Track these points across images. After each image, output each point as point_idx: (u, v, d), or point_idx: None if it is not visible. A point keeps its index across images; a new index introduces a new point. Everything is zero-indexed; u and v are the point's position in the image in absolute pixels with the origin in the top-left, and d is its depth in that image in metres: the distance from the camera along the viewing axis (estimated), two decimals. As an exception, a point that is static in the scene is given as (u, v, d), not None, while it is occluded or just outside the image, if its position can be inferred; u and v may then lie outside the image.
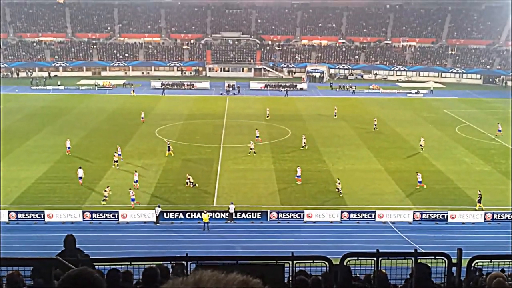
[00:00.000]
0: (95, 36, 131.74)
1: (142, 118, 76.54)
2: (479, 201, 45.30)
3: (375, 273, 7.14)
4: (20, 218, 42.44)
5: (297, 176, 51.11)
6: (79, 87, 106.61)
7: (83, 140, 65.50)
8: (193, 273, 3.02)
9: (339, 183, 48.36)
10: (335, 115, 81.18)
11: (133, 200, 44.79)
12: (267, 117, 79.94)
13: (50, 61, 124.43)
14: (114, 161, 55.26)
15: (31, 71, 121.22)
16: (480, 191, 46.24)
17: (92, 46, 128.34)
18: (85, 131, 70.43)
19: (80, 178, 50.11)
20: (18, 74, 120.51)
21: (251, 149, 60.26)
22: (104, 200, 45.48)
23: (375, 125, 73.70)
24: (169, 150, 59.36)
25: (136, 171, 51.31)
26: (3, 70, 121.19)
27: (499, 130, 70.52)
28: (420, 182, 50.21)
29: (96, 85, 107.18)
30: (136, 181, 49.13)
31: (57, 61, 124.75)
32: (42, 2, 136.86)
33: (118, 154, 56.47)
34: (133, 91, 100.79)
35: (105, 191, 46.18)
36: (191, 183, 49.72)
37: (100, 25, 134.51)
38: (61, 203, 45.42)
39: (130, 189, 46.48)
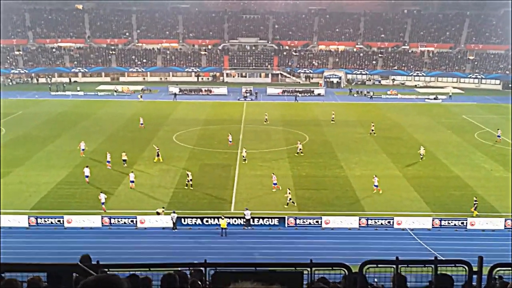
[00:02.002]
0: (113, 42, 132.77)
1: (141, 124, 76.70)
2: (475, 208, 44.91)
3: (394, 277, 7.10)
4: (40, 223, 42.75)
5: (274, 184, 50.67)
6: (98, 93, 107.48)
7: (102, 146, 65.90)
8: (233, 284, 3.05)
9: (289, 193, 47.51)
10: (332, 120, 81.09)
11: (103, 204, 45.30)
12: (265, 121, 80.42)
13: (69, 67, 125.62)
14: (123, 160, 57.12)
15: (50, 76, 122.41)
16: (476, 198, 45.92)
17: (110, 52, 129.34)
18: (104, 136, 70.92)
19: (87, 176, 51.69)
20: (38, 80, 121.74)
21: (244, 157, 59.73)
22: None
23: (372, 130, 73.58)
24: (158, 156, 59.53)
25: (132, 171, 52.13)
26: (23, 76, 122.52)
27: (499, 136, 69.98)
28: (376, 186, 50.14)
29: (115, 91, 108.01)
30: (132, 181, 50.43)
31: (76, 66, 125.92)
32: (62, 8, 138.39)
33: (107, 162, 56.90)
34: (141, 96, 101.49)
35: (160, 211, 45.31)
36: (189, 181, 50.48)
37: (119, 31, 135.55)
38: (80, 208, 45.71)
39: (101, 192, 47.09)
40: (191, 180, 50.96)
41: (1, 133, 71.85)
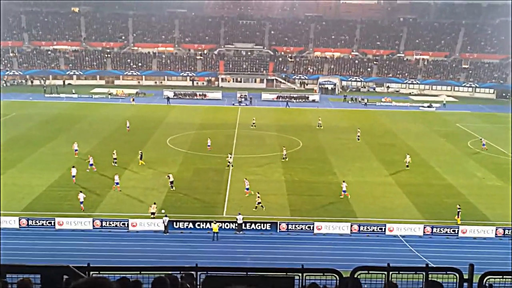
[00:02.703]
0: (109, 45, 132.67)
1: (128, 127, 76.58)
2: (458, 215, 45.01)
3: (385, 286, 7.10)
4: (30, 225, 42.59)
5: (246, 189, 50.67)
6: (92, 96, 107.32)
7: (96, 149, 65.75)
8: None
9: (258, 196, 47.64)
10: (319, 126, 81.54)
11: (81, 203, 45.73)
12: (252, 125, 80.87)
13: (64, 69, 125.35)
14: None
15: (45, 79, 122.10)
16: (459, 205, 46.02)
17: (106, 55, 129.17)
18: (98, 139, 70.79)
19: (73, 176, 52.25)
20: (32, 82, 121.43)
21: (229, 162, 59.50)
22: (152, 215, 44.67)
23: (359, 136, 73.91)
24: (141, 159, 59.61)
25: (117, 174, 52.16)
26: (18, 77, 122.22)
27: (484, 145, 70.27)
28: (344, 191, 50.32)
29: (109, 94, 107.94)
30: (117, 183, 50.76)
31: (71, 69, 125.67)
32: (58, 10, 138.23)
33: (90, 165, 56.63)
34: (133, 100, 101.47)
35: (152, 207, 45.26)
36: (170, 183, 51.16)
37: (115, 34, 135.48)
38: (72, 211, 45.57)
39: (80, 191, 47.27)
40: (172, 182, 51.41)
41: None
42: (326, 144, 71.55)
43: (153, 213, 44.46)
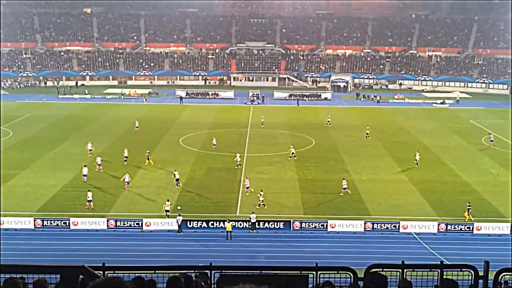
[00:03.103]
0: (121, 45, 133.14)
1: (137, 127, 76.75)
2: (468, 212, 44.74)
3: (400, 283, 7.08)
4: (45, 225, 42.84)
5: (247, 188, 50.80)
6: (105, 96, 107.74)
7: (109, 149, 66.06)
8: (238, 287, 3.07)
9: (261, 195, 47.71)
10: (328, 123, 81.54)
11: (89, 201, 46.06)
12: (262, 124, 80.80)
13: (77, 70, 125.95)
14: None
15: (58, 80, 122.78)
16: (469, 202, 45.76)
17: (118, 56, 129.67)
18: (111, 139, 71.08)
19: (84, 175, 52.83)
20: (45, 83, 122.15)
21: (238, 162, 59.19)
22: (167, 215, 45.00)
23: (367, 133, 73.79)
24: (148, 159, 59.76)
25: (127, 173, 52.34)
26: (31, 79, 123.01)
27: (492, 141, 69.89)
28: (344, 188, 50.37)
29: (122, 94, 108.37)
30: (127, 183, 51.09)
31: (84, 70, 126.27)
32: (70, 12, 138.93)
33: (98, 165, 56.57)
34: (145, 100, 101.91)
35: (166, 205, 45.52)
36: (176, 180, 51.80)
37: (127, 34, 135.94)
38: (87, 211, 45.80)
39: (88, 190, 47.68)
40: (178, 179, 52.06)
41: (9, 135, 72.08)
42: (339, 142, 71.41)
43: (167, 211, 44.72)
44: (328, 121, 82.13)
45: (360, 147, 69.09)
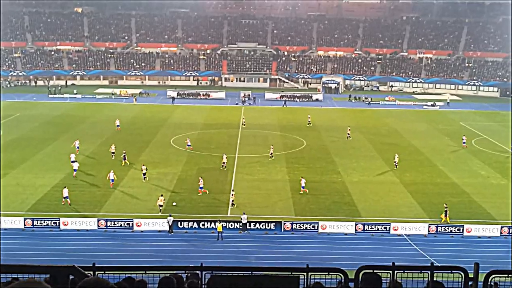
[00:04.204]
0: (112, 45, 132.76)
1: (118, 126, 76.94)
2: (446, 214, 44.89)
3: (390, 284, 7.09)
4: (35, 225, 42.67)
5: (200, 188, 50.71)
6: (96, 96, 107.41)
7: (99, 148, 65.87)
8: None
9: (232, 194, 48.18)
10: (309, 123, 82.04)
11: (66, 197, 46.55)
12: (243, 124, 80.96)
13: (68, 70, 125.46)
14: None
15: (48, 79, 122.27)
16: (446, 204, 45.96)
17: (109, 55, 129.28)
18: (101, 139, 70.83)
19: (75, 170, 54.29)
20: (36, 83, 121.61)
21: (223, 163, 59.10)
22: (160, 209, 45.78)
23: (349, 134, 74.22)
24: (124, 159, 59.71)
25: (112, 170, 52.68)
26: (22, 78, 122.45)
27: (464, 143, 70.33)
28: (303, 187, 50.74)
29: (112, 94, 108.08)
30: (112, 180, 51.55)
31: (75, 69, 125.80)
32: (61, 11, 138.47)
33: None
34: (135, 99, 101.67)
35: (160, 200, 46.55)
36: (144, 175, 53.38)
37: (118, 34, 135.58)
38: (77, 211, 45.66)
39: (65, 187, 47.88)
40: (145, 173, 53.86)
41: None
42: (330, 143, 71.48)
43: (161, 206, 45.34)
44: (309, 122, 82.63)
45: (351, 148, 69.19)
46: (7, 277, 6.08)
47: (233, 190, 49.12)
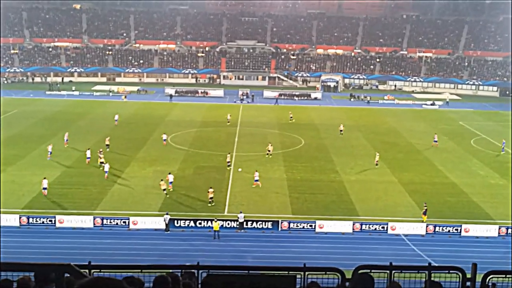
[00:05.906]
0: (110, 42, 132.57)
1: (116, 120, 77.86)
2: (425, 213, 44.82)
3: (388, 285, 7.04)
4: (31, 223, 42.53)
5: (170, 183, 50.79)
6: (93, 93, 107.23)
7: (97, 146, 65.70)
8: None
9: (210, 191, 48.04)
10: (291, 119, 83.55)
11: (44, 188, 47.38)
12: (228, 122, 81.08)
13: (66, 67, 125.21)
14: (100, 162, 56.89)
15: (46, 76, 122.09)
16: (425, 203, 45.88)
17: (107, 52, 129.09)
18: (99, 136, 70.65)
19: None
20: (33, 79, 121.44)
21: (228, 162, 59.07)
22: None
23: (341, 131, 74.82)
24: (100, 157, 59.50)
25: (107, 162, 54.21)
26: (19, 74, 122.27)
27: (435, 141, 70.38)
28: (256, 180, 51.30)
29: (110, 91, 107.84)
30: (106, 172, 52.80)
31: (73, 66, 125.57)
32: (59, 7, 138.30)
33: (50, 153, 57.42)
34: (125, 97, 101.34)
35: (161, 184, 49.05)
36: (101, 162, 55.00)
37: (116, 31, 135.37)
38: (73, 209, 45.52)
39: (44, 178, 48.63)
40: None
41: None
42: (329, 142, 71.39)
43: (164, 190, 47.42)
44: (291, 117, 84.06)
45: (350, 147, 69.08)
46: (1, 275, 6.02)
47: (211, 187, 48.71)
